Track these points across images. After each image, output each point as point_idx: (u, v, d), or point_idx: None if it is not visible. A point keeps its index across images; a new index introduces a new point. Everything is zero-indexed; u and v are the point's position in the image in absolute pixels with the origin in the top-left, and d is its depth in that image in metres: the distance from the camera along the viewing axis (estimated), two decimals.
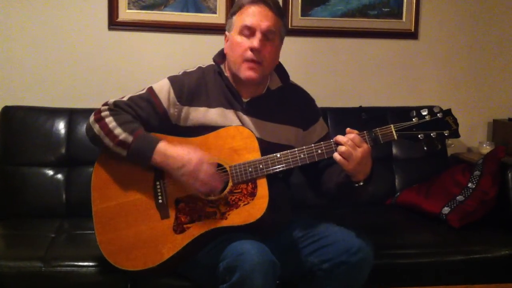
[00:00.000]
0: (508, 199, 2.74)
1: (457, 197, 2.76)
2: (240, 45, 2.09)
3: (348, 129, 1.99)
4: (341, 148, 1.94)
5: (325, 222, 2.17)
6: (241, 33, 2.09)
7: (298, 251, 2.08)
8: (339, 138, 1.97)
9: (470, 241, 2.56)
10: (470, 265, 2.47)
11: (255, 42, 2.06)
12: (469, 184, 2.79)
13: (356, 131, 1.98)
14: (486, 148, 3.18)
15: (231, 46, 2.13)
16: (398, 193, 3.01)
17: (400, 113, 2.03)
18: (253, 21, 2.08)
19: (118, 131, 2.05)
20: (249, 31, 2.08)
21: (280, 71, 2.25)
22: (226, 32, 2.17)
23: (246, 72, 2.09)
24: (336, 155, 1.96)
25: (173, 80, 2.18)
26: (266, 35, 2.08)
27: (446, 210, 2.72)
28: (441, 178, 2.94)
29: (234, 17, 2.13)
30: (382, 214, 2.88)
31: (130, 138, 2.03)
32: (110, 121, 2.07)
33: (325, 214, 2.73)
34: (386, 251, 2.42)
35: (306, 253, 2.07)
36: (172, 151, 2.02)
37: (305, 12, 3.21)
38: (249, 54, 2.07)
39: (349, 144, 1.94)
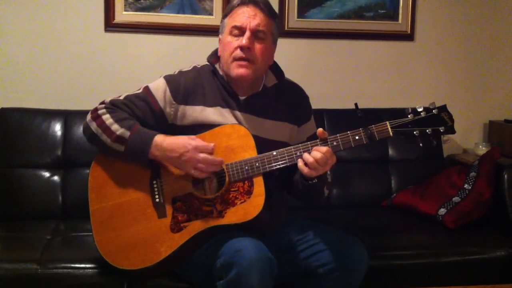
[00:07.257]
0: (503, 200, 2.73)
1: (453, 198, 2.76)
2: (230, 45, 2.10)
3: (319, 132, 2.00)
4: (309, 159, 1.96)
5: (321, 225, 2.18)
6: (231, 33, 2.11)
7: (294, 254, 2.08)
8: (310, 158, 1.97)
9: (465, 242, 2.56)
10: (465, 266, 2.48)
11: (244, 40, 2.07)
12: (465, 185, 2.79)
13: (326, 147, 1.99)
14: (482, 149, 3.18)
15: (222, 47, 2.15)
16: (394, 194, 3.01)
17: (396, 113, 2.01)
18: (242, 20, 2.09)
19: (115, 127, 2.06)
20: (238, 31, 2.09)
21: (275, 69, 2.26)
22: (219, 35, 2.18)
23: (236, 70, 2.10)
24: (302, 167, 1.97)
25: (169, 79, 2.18)
26: (256, 34, 2.09)
27: (442, 211, 2.71)
28: (437, 179, 2.94)
29: (226, 19, 2.15)
30: (378, 215, 2.88)
31: (127, 134, 2.04)
32: (107, 118, 2.08)
33: (321, 216, 2.74)
34: (382, 252, 2.43)
35: (302, 256, 2.07)
36: (169, 141, 2.04)
37: (301, 14, 3.22)
38: (238, 52, 2.08)
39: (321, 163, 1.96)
